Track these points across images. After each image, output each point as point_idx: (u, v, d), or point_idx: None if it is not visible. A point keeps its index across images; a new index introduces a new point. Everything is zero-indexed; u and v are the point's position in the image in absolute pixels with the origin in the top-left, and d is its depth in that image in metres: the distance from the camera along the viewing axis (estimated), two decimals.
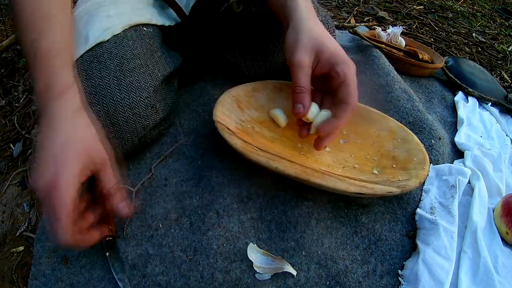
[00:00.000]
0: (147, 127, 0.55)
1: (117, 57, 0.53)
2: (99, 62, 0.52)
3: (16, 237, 0.56)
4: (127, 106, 0.52)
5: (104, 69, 0.52)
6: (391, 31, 0.98)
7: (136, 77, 0.53)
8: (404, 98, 0.74)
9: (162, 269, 0.47)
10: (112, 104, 0.51)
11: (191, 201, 0.53)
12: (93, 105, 0.50)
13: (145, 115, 0.54)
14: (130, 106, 0.53)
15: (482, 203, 0.55)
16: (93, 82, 0.51)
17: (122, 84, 0.52)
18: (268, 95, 0.67)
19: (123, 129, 0.53)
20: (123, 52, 0.54)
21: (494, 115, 0.82)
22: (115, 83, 0.52)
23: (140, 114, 0.54)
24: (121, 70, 0.52)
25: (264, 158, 0.49)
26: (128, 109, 0.52)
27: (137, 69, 0.54)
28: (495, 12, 1.58)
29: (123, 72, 0.52)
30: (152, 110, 0.55)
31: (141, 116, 0.54)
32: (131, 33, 0.56)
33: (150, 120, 0.55)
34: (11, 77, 0.96)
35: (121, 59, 0.53)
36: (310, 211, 0.52)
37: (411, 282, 0.45)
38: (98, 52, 0.53)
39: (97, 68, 0.52)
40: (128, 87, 0.52)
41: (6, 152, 0.72)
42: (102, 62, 0.52)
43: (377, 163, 0.57)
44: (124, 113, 0.52)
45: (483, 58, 1.17)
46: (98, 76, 0.51)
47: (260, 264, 0.45)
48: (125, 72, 0.53)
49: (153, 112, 0.56)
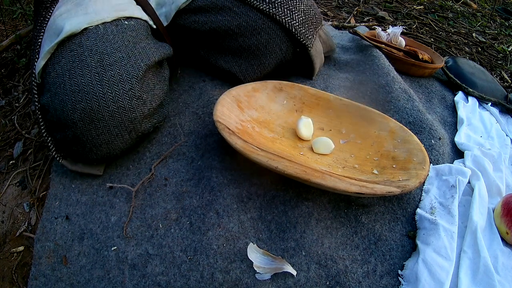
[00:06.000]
0: (134, 120, 0.55)
1: (97, 53, 0.53)
2: (80, 60, 0.53)
3: (16, 237, 0.56)
4: (111, 100, 0.52)
5: (85, 67, 0.52)
6: (391, 31, 0.98)
7: (117, 70, 0.53)
8: (404, 98, 0.74)
9: (162, 269, 0.47)
10: (95, 99, 0.52)
11: (191, 201, 0.53)
12: (77, 103, 0.51)
13: (131, 107, 0.54)
14: (114, 100, 0.53)
15: (482, 203, 0.55)
16: (76, 81, 0.52)
17: (103, 78, 0.52)
18: (268, 95, 0.67)
19: (110, 124, 0.53)
20: (103, 48, 0.54)
21: (494, 115, 0.82)
22: (96, 79, 0.52)
23: (125, 107, 0.53)
24: (101, 66, 0.53)
25: (264, 158, 0.49)
26: (111, 103, 0.52)
27: (118, 62, 0.54)
28: (495, 12, 1.58)
29: (104, 67, 0.53)
30: (138, 101, 0.55)
31: (126, 109, 0.54)
32: (112, 28, 0.56)
33: (137, 113, 0.55)
34: (11, 77, 0.96)
35: (101, 54, 0.53)
36: (310, 211, 0.52)
37: (411, 282, 0.45)
38: (79, 52, 0.53)
39: (79, 67, 0.52)
40: (110, 80, 0.53)
41: (6, 152, 0.72)
42: (83, 60, 0.53)
43: (377, 163, 0.57)
44: (108, 108, 0.52)
45: (483, 58, 1.17)
46: (80, 74, 0.52)
47: (260, 264, 0.45)
48: (105, 66, 0.53)
49: (140, 103, 0.55)
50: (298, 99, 0.68)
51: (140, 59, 0.56)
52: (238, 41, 0.68)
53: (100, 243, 0.50)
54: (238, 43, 0.68)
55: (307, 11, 0.70)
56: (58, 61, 0.53)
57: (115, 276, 0.47)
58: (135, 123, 0.55)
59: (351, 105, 0.65)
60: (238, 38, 0.68)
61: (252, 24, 0.66)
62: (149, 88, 0.57)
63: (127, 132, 0.55)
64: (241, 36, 0.67)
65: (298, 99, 0.68)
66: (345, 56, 0.91)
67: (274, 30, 0.67)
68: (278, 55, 0.70)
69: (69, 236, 0.52)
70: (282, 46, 0.69)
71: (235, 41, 0.68)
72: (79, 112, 0.51)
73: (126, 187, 0.56)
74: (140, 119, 0.56)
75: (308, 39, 0.70)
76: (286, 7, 0.67)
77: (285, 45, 0.69)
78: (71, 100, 0.51)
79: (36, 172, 0.65)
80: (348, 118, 0.65)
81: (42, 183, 0.62)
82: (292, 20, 0.67)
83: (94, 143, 0.54)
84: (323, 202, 0.54)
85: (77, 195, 0.56)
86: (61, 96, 0.52)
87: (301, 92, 0.68)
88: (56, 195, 0.57)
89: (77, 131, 0.53)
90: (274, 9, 0.66)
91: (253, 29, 0.66)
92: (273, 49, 0.68)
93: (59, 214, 0.54)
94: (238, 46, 0.69)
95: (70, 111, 0.51)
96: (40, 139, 0.71)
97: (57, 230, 0.52)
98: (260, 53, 0.68)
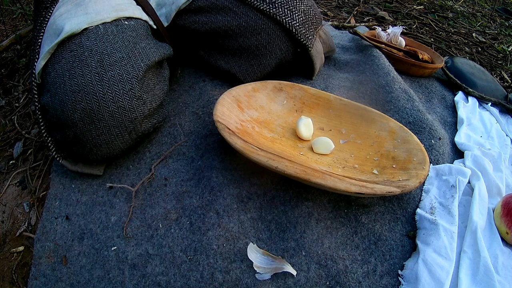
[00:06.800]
0: (135, 120, 0.55)
1: (97, 54, 0.53)
2: (80, 61, 0.53)
3: (16, 237, 0.56)
4: (111, 100, 0.52)
5: (85, 67, 0.52)
6: (391, 31, 0.98)
7: (117, 70, 0.53)
8: (404, 98, 0.74)
9: (162, 269, 0.47)
10: (96, 100, 0.52)
11: (191, 201, 0.53)
12: (77, 103, 0.51)
13: (131, 107, 0.54)
14: (114, 100, 0.53)
15: (482, 203, 0.55)
16: (76, 81, 0.52)
17: (103, 78, 0.52)
18: (268, 95, 0.67)
19: (110, 124, 0.53)
20: (103, 48, 0.54)
21: (494, 115, 0.82)
22: (96, 79, 0.52)
23: (126, 107, 0.53)
24: (101, 66, 0.53)
25: (264, 158, 0.49)
26: (112, 103, 0.52)
27: (118, 62, 0.54)
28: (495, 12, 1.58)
29: (104, 67, 0.53)
30: (138, 101, 0.55)
31: (126, 109, 0.54)
32: (112, 28, 0.56)
33: (137, 113, 0.55)
34: (11, 77, 0.96)
35: (101, 54, 0.53)
36: (310, 211, 0.52)
37: (411, 282, 0.45)
38: (79, 52, 0.53)
39: (79, 67, 0.52)
40: (110, 81, 0.53)
41: (6, 152, 0.72)
42: (83, 60, 0.53)
43: (377, 163, 0.57)
44: (108, 108, 0.52)
45: (483, 58, 1.17)
46: (80, 74, 0.52)
47: (260, 264, 0.45)
48: (105, 66, 0.53)
49: (140, 103, 0.55)
50: (298, 99, 0.68)
51: (140, 59, 0.56)
52: (238, 41, 0.68)
53: (100, 243, 0.50)
54: (238, 43, 0.68)
55: (307, 11, 0.70)
56: (58, 61, 0.53)
57: (115, 276, 0.47)
58: (135, 123, 0.55)
59: (351, 105, 0.65)
60: (238, 39, 0.68)
61: (252, 24, 0.66)
62: (149, 88, 0.57)
63: (127, 132, 0.55)
64: (241, 36, 0.67)
65: (298, 99, 0.68)
66: (345, 56, 0.91)
67: (274, 31, 0.67)
68: (278, 55, 0.70)
69: (69, 236, 0.52)
70: (282, 46, 0.69)
71: (235, 41, 0.68)
72: (79, 112, 0.51)
73: (126, 187, 0.56)
74: (140, 119, 0.56)
75: (308, 39, 0.70)
76: (287, 7, 0.67)
77: (285, 45, 0.69)
78: (71, 100, 0.51)
79: (36, 172, 0.65)
80: (348, 118, 0.65)
81: (42, 183, 0.63)
82: (293, 20, 0.67)
83: (94, 143, 0.54)
84: (323, 202, 0.54)
85: (77, 195, 0.56)
86: (61, 96, 0.52)
87: (301, 92, 0.68)
88: (56, 195, 0.57)
89: (77, 131, 0.53)
90: (274, 9, 0.66)
91: (253, 29, 0.66)
92: (273, 49, 0.68)
93: (59, 214, 0.54)
94: (238, 46, 0.69)
95: (70, 111, 0.52)
96: (40, 139, 0.71)
97: (57, 230, 0.52)
98: (260, 53, 0.68)
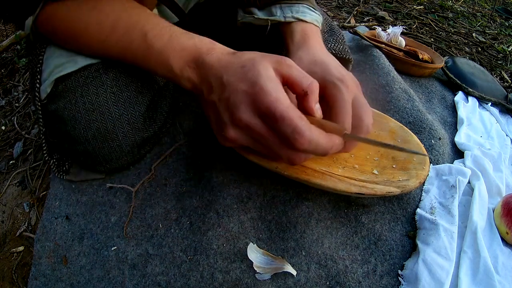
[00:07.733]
0: (146, 138, 0.56)
1: (113, 71, 0.51)
2: (94, 77, 0.50)
3: (16, 237, 0.56)
4: (126, 121, 0.51)
5: (100, 86, 0.50)
6: (391, 31, 0.98)
7: (133, 92, 0.52)
8: (404, 98, 0.74)
9: (162, 269, 0.47)
10: (111, 120, 0.50)
11: (191, 201, 0.53)
12: (91, 122, 0.49)
13: (143, 128, 0.54)
14: (129, 122, 0.52)
15: (482, 203, 0.55)
16: (90, 99, 0.49)
17: (119, 99, 0.51)
18: None
19: (123, 143, 0.52)
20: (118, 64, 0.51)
21: (494, 115, 0.82)
22: (112, 99, 0.50)
23: (139, 128, 0.53)
24: (117, 85, 0.51)
25: (264, 158, 0.49)
26: (126, 124, 0.52)
27: (134, 83, 0.53)
28: (495, 12, 1.58)
29: (120, 87, 0.51)
30: (150, 121, 0.55)
31: (139, 129, 0.53)
32: None
33: (148, 132, 0.55)
34: (11, 77, 0.96)
35: (117, 72, 0.51)
36: (310, 211, 0.52)
37: (411, 282, 0.45)
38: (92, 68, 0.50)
39: (93, 84, 0.50)
40: (126, 102, 0.51)
41: (6, 152, 0.72)
42: (98, 77, 0.50)
43: (377, 163, 0.57)
44: (123, 129, 0.51)
45: (483, 58, 1.17)
46: (95, 92, 0.50)
47: (260, 264, 0.45)
48: (121, 86, 0.51)
49: (151, 123, 0.56)
50: None
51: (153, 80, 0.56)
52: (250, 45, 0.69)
53: (100, 243, 0.50)
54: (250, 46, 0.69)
55: None
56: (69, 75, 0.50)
57: (115, 276, 0.47)
58: (145, 141, 0.56)
59: None
60: None
61: None
62: (158, 106, 0.57)
63: (137, 149, 0.56)
64: None
65: None
66: None
67: None
68: None
69: (69, 236, 0.52)
70: None
71: None
72: (92, 131, 0.50)
73: (126, 187, 0.56)
74: (150, 137, 0.56)
75: None
76: None
77: None
78: (84, 119, 0.49)
79: (36, 172, 0.65)
80: None
81: (42, 183, 0.63)
82: None
83: (105, 159, 0.53)
84: (323, 202, 0.54)
85: (77, 195, 0.56)
86: (72, 113, 0.49)
87: None
88: (56, 195, 0.57)
89: (88, 147, 0.51)
90: None
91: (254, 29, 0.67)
92: None
93: (59, 214, 0.54)
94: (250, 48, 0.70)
95: (83, 129, 0.50)
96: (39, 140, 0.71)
97: (57, 230, 0.52)
98: None
